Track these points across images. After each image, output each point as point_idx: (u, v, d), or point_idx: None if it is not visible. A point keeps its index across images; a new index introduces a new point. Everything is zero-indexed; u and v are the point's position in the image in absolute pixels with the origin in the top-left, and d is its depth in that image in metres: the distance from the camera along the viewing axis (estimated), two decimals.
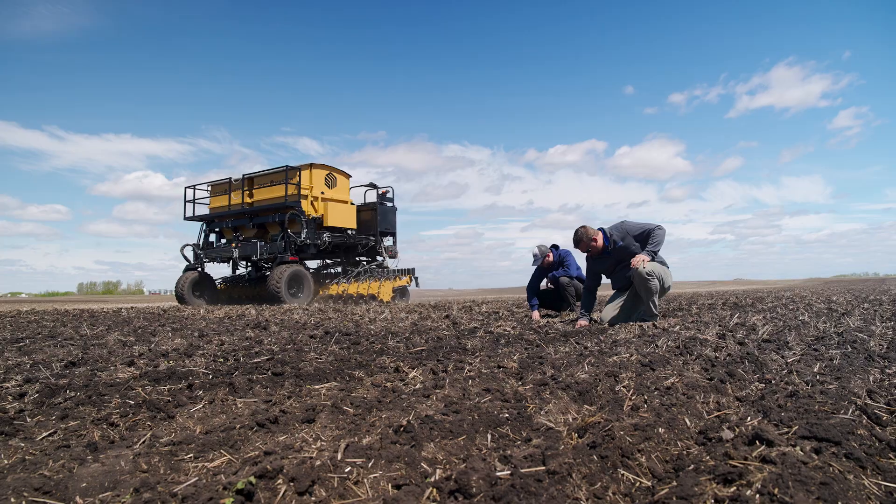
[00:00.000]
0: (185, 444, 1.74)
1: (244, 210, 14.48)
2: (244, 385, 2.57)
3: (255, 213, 14.39)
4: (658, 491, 1.31)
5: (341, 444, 1.62)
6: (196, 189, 15.42)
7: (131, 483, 1.43)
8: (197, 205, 15.47)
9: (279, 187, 13.85)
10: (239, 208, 14.55)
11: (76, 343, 4.70)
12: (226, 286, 15.79)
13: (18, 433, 1.92)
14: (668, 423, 1.76)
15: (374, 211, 16.00)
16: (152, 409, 2.20)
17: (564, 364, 2.93)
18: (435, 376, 2.73)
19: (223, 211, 14.89)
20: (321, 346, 4.09)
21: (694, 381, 2.35)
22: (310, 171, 14.41)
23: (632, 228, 5.65)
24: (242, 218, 14.63)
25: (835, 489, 1.20)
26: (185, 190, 15.27)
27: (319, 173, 14.64)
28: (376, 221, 15.90)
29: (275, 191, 14.03)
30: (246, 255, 14.17)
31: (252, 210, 14.39)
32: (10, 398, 2.43)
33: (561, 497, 1.27)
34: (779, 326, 4.62)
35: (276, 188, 14.01)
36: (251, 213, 14.44)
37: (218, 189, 15.17)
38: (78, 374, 2.98)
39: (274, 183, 14.10)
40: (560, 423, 1.85)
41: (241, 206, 14.52)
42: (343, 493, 1.34)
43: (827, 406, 1.91)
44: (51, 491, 1.39)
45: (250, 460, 1.56)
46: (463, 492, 1.28)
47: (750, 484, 1.23)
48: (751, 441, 1.52)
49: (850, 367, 2.67)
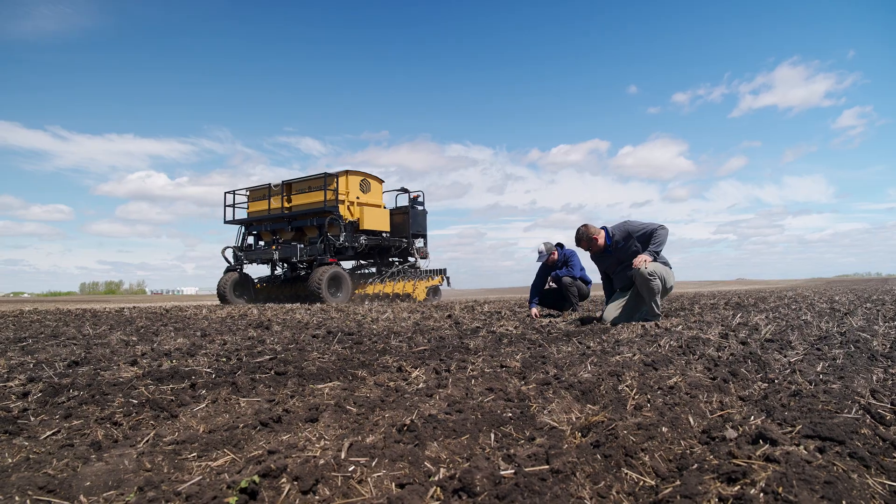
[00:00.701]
0: (189, 443, 1.74)
1: (283, 214, 15.20)
2: (247, 384, 2.57)
3: (294, 217, 15.12)
4: (662, 490, 1.30)
5: (345, 443, 1.62)
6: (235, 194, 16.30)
7: (135, 482, 1.43)
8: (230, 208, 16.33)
9: (317, 193, 14.66)
10: (278, 212, 15.27)
11: (79, 343, 4.71)
12: (263, 286, 16.47)
13: (22, 432, 1.93)
14: (671, 422, 1.76)
15: (406, 214, 16.78)
16: (155, 408, 2.21)
17: (567, 363, 2.93)
18: (438, 376, 2.73)
19: (262, 215, 15.67)
20: (324, 345, 4.09)
21: (697, 381, 2.34)
22: (346, 177, 15.09)
23: (634, 228, 5.65)
24: (281, 221, 15.33)
25: (839, 488, 1.20)
26: (225, 195, 16.08)
27: (355, 179, 15.37)
28: (409, 224, 16.66)
29: (313, 196, 14.81)
30: (286, 256, 14.82)
31: (291, 214, 15.11)
32: (14, 397, 2.43)
33: (565, 496, 1.27)
34: (781, 326, 4.61)
35: (313, 194, 14.80)
36: (290, 217, 15.14)
37: (256, 194, 15.97)
38: (81, 374, 2.99)
39: (312, 189, 14.89)
40: (563, 423, 1.85)
41: (281, 211, 15.28)
42: (347, 492, 1.34)
43: (830, 405, 1.91)
44: (55, 490, 1.39)
45: (254, 459, 1.56)
46: (467, 490, 1.28)
47: (754, 483, 1.23)
48: (754, 440, 1.52)
49: (854, 366, 2.67)
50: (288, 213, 15.18)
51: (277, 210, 15.34)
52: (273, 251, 14.91)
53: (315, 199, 14.71)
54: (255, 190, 16.11)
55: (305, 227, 15.07)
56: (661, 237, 5.45)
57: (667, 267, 5.57)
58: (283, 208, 15.28)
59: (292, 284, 15.88)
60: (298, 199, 15.19)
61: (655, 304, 5.42)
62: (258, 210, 15.90)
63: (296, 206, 15.21)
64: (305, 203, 14.98)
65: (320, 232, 14.47)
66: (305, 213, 14.92)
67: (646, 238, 5.54)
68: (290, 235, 15.37)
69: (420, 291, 15.48)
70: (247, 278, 15.90)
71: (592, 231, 5.74)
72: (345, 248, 14.83)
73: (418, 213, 17.11)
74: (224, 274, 15.47)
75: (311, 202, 14.83)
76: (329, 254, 14.18)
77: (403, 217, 16.82)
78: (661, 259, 5.59)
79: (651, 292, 5.34)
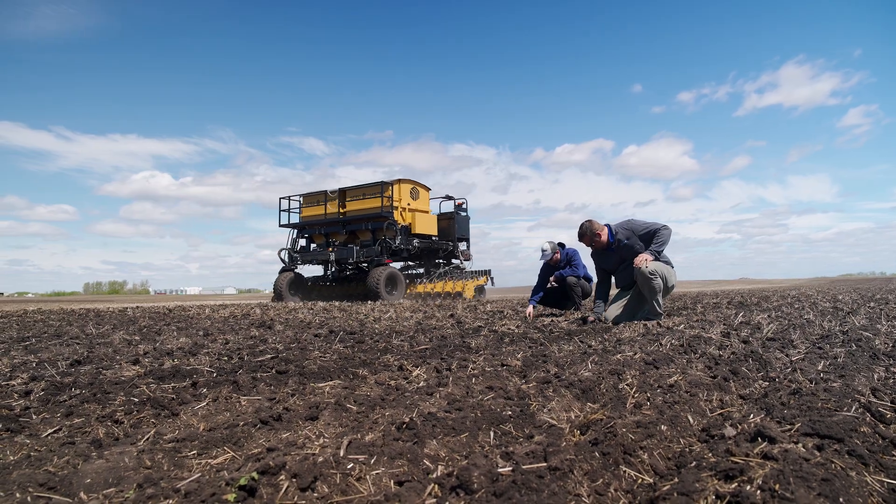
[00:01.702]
0: (189, 440, 1.75)
1: (338, 219, 16.43)
2: (248, 383, 2.58)
3: (348, 221, 16.32)
4: (660, 487, 1.31)
5: (344, 441, 1.62)
6: (290, 200, 17.43)
7: (135, 479, 1.44)
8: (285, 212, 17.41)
9: (371, 199, 15.82)
10: (334, 217, 16.45)
11: (82, 342, 4.73)
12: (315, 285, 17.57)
13: (24, 430, 1.94)
14: (670, 420, 1.76)
15: (451, 220, 18.03)
16: (156, 406, 2.22)
17: (568, 362, 2.93)
18: (438, 374, 2.74)
19: (318, 219, 16.77)
20: (325, 344, 4.10)
21: (697, 380, 2.34)
22: (399, 185, 16.21)
23: (637, 227, 5.64)
24: (336, 225, 16.56)
25: (836, 485, 1.20)
26: (280, 200, 17.26)
27: (406, 187, 16.53)
28: (454, 228, 17.87)
29: (367, 202, 15.97)
30: (342, 258, 15.95)
31: (346, 219, 16.33)
32: (16, 396, 2.45)
33: (562, 493, 1.27)
34: (784, 325, 4.60)
35: (368, 200, 15.96)
36: (344, 221, 16.37)
37: (310, 200, 17.16)
38: (83, 373, 3.00)
39: (366, 196, 16.05)
40: (563, 421, 1.85)
41: (336, 216, 16.48)
42: (345, 489, 1.35)
43: (830, 404, 1.90)
44: (55, 487, 1.40)
45: (253, 457, 1.57)
46: (464, 487, 1.28)
47: (751, 480, 1.23)
48: (753, 438, 1.52)
49: (855, 365, 2.66)
50: (343, 218, 16.36)
51: (333, 215, 16.47)
52: (330, 253, 16.05)
53: (370, 206, 15.84)
54: (308, 196, 17.23)
55: (359, 230, 16.25)
56: (663, 237, 5.44)
57: (669, 266, 5.56)
58: (338, 213, 16.48)
59: (340, 284, 17.13)
60: (352, 205, 16.35)
61: (657, 302, 5.41)
62: (313, 215, 16.99)
63: (350, 211, 16.37)
64: (360, 209, 16.12)
65: (373, 235, 15.73)
66: (360, 218, 16.04)
67: (649, 237, 5.53)
68: (343, 238, 16.60)
69: (469, 290, 16.35)
70: (300, 278, 16.96)
71: (596, 227, 5.73)
72: (400, 251, 15.99)
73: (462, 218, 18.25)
74: (280, 274, 16.56)
75: (365, 208, 15.97)
76: (385, 255, 15.27)
77: (449, 222, 18.01)
78: (664, 258, 5.58)
79: (652, 291, 5.33)
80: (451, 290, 16.20)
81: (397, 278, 15.47)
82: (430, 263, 18.29)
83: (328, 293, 17.15)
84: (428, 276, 17.50)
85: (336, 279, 17.27)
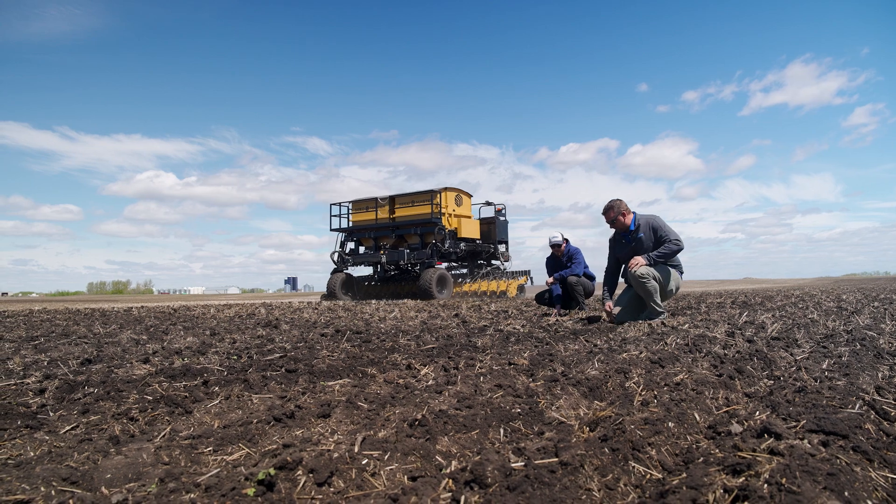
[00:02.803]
0: (205, 437, 1.78)
1: (389, 224, 17.56)
2: (259, 381, 2.61)
3: (398, 226, 17.47)
4: (669, 482, 1.34)
5: (357, 437, 1.65)
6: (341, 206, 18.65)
7: (155, 474, 1.47)
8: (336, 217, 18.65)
9: (420, 206, 17.02)
10: (385, 222, 17.62)
11: (90, 341, 4.77)
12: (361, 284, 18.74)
13: (43, 427, 1.98)
14: (677, 417, 1.79)
15: (492, 224, 19.18)
16: (170, 404, 2.25)
17: (574, 361, 2.96)
18: (447, 373, 2.77)
19: (369, 224, 17.96)
20: (333, 343, 4.13)
21: (703, 378, 2.37)
22: (445, 193, 17.22)
23: (656, 227, 5.59)
24: (386, 230, 17.65)
25: (841, 480, 1.22)
26: (331, 206, 18.40)
27: (451, 194, 17.54)
28: (495, 232, 19.06)
29: (416, 209, 17.13)
30: (393, 260, 17.21)
31: (396, 224, 17.46)
32: (31, 394, 2.49)
33: (574, 487, 1.31)
34: (788, 325, 4.62)
35: (417, 207, 17.13)
36: (394, 226, 17.50)
37: (360, 206, 18.37)
38: (95, 371, 3.04)
39: (415, 203, 17.22)
40: (571, 418, 1.88)
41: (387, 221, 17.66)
42: (361, 484, 1.38)
43: (835, 401, 1.93)
44: (78, 481, 1.44)
45: (269, 453, 1.60)
46: (478, 482, 1.31)
47: (758, 475, 1.26)
48: (759, 434, 1.55)
49: (859, 364, 2.69)
50: (392, 223, 17.50)
51: (384, 220, 17.66)
52: (381, 255, 17.26)
53: (419, 212, 16.99)
54: (358, 202, 18.48)
55: (407, 234, 17.44)
56: (669, 249, 5.43)
57: (670, 269, 5.57)
58: (389, 219, 17.65)
59: (385, 283, 18.46)
60: (402, 212, 17.53)
61: (655, 304, 5.44)
62: (363, 220, 18.23)
63: (399, 216, 17.54)
64: (410, 214, 17.28)
65: (421, 239, 17.01)
66: (410, 223, 17.17)
67: (659, 243, 5.54)
68: (392, 242, 17.75)
69: (512, 289, 17.22)
70: (351, 278, 18.17)
71: (625, 208, 5.71)
72: (448, 254, 17.15)
73: (501, 222, 19.40)
74: (332, 274, 17.76)
75: (415, 214, 17.13)
76: (436, 258, 16.38)
77: (489, 226, 19.18)
78: (672, 262, 5.60)
79: (647, 294, 5.37)
80: (496, 289, 17.08)
81: (447, 279, 16.46)
82: (474, 265, 19.36)
83: (375, 292, 18.36)
84: (472, 277, 18.61)
85: (381, 279, 18.53)
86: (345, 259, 18.12)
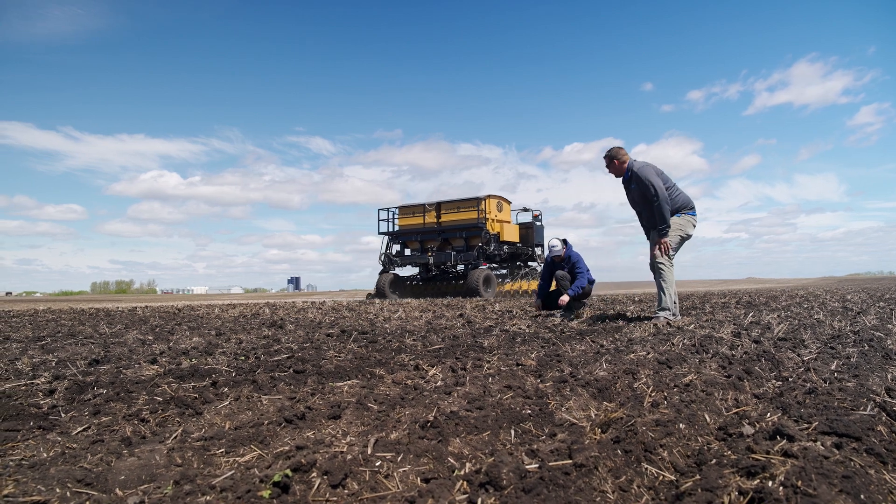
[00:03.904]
0: (216, 439, 1.79)
1: (435, 228, 18.88)
2: (268, 382, 2.62)
3: (444, 230, 18.78)
4: (682, 484, 1.34)
5: (370, 439, 1.66)
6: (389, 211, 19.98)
7: (169, 476, 1.48)
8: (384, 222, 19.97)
9: (466, 212, 18.32)
10: (432, 226, 18.94)
11: (96, 341, 4.78)
12: (415, 284, 19.97)
13: (55, 428, 1.98)
14: (688, 419, 1.79)
15: (530, 228, 20.55)
16: (180, 405, 2.26)
17: (582, 362, 2.96)
18: (455, 374, 2.77)
19: (416, 227, 19.28)
20: (339, 344, 4.14)
21: (712, 379, 2.37)
22: (488, 199, 18.39)
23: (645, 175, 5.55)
24: (432, 233, 18.95)
25: (857, 483, 1.22)
26: (379, 211, 19.76)
27: (493, 201, 18.70)
28: (533, 236, 20.42)
29: (462, 215, 18.45)
30: (440, 261, 18.40)
31: (442, 228, 18.80)
32: (41, 394, 2.50)
33: (588, 489, 1.31)
34: (794, 325, 4.62)
35: (463, 213, 18.43)
36: (440, 230, 18.82)
37: (406, 211, 19.71)
38: (103, 372, 3.05)
39: (461, 209, 18.54)
40: (582, 419, 1.89)
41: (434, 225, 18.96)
42: (375, 486, 1.38)
43: (846, 403, 1.93)
44: (92, 483, 1.45)
45: (282, 455, 1.61)
46: (493, 484, 1.31)
47: (773, 477, 1.26)
48: (772, 436, 1.55)
49: (868, 365, 2.68)
50: (439, 227, 18.84)
51: (431, 224, 18.97)
52: (429, 256, 18.53)
53: (465, 217, 18.29)
54: (405, 208, 19.80)
55: (452, 238, 18.67)
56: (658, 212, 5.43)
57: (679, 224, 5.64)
58: (435, 223, 18.97)
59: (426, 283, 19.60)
60: (448, 217, 18.86)
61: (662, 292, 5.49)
62: (410, 224, 19.53)
63: (445, 221, 18.87)
64: (456, 219, 18.62)
65: (466, 242, 18.20)
66: (456, 228, 18.46)
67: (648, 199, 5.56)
68: (437, 244, 19.00)
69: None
70: (398, 278, 19.36)
71: (623, 156, 5.74)
72: (493, 256, 18.21)
73: (538, 227, 20.70)
74: (381, 275, 18.99)
75: (461, 219, 18.43)
76: (482, 259, 17.53)
77: (527, 230, 20.50)
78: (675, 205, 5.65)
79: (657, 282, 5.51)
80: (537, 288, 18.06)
81: (491, 278, 17.62)
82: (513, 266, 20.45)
83: (419, 290, 19.56)
84: (512, 277, 19.72)
85: (423, 279, 19.71)
86: (392, 260, 19.35)
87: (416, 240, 19.52)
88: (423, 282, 19.77)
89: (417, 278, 19.87)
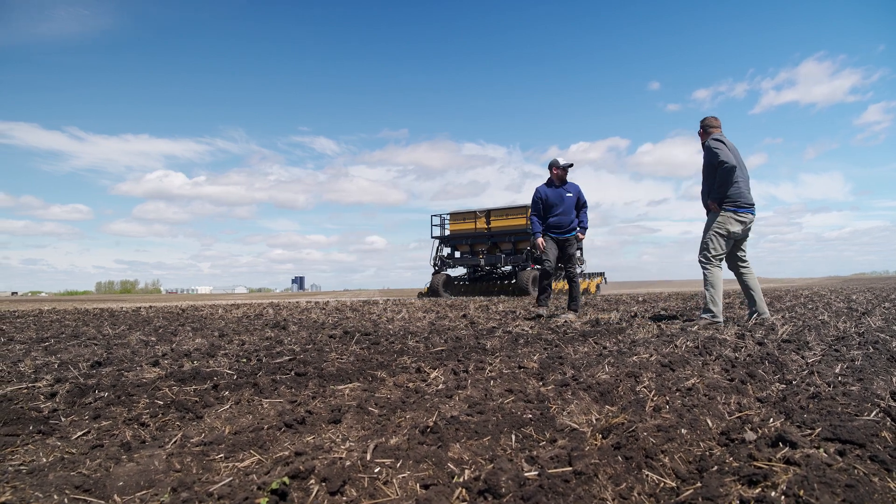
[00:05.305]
0: (216, 444, 1.78)
1: (486, 232, 20.40)
2: (269, 385, 2.61)
3: (493, 234, 20.29)
4: (683, 491, 1.32)
5: (369, 444, 1.65)
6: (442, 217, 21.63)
7: (167, 482, 1.48)
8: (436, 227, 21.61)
9: (514, 218, 19.84)
10: (483, 231, 20.51)
11: (99, 343, 4.79)
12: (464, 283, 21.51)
13: (54, 432, 1.98)
14: (690, 424, 1.78)
15: None
16: (181, 409, 2.26)
17: (584, 364, 2.95)
18: (456, 377, 2.76)
19: (468, 232, 20.92)
20: (341, 346, 4.13)
21: (715, 382, 2.36)
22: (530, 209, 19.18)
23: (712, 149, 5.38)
24: (482, 238, 20.53)
25: (860, 491, 1.21)
26: (431, 217, 21.53)
27: None
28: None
29: (510, 220, 20.00)
30: (490, 263, 19.97)
31: (491, 233, 20.31)
32: (43, 398, 2.50)
33: (588, 497, 1.30)
34: (798, 326, 4.59)
35: (511, 219, 19.99)
36: (490, 235, 20.36)
37: (457, 217, 21.40)
38: (105, 374, 3.05)
39: (509, 216, 20.11)
40: (583, 424, 1.87)
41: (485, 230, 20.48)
42: (373, 493, 1.37)
43: (850, 408, 1.91)
44: (90, 489, 1.44)
45: (281, 460, 1.60)
46: (492, 492, 1.30)
47: (775, 486, 1.25)
48: (774, 443, 1.54)
49: (873, 368, 2.66)
50: (489, 232, 20.35)
51: (481, 229, 20.53)
52: (480, 259, 20.09)
53: (513, 223, 19.82)
54: (456, 214, 21.46)
55: (500, 241, 20.14)
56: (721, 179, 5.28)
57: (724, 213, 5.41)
58: (486, 228, 20.46)
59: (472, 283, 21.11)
60: (497, 222, 20.37)
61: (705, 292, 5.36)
62: (461, 229, 21.20)
63: (494, 227, 20.37)
64: (505, 225, 20.16)
65: (513, 246, 19.70)
66: (505, 232, 19.97)
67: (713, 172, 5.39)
68: (487, 247, 20.45)
69: (592, 287, 20.82)
70: (449, 278, 20.92)
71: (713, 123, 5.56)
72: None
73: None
74: (433, 275, 20.65)
75: (510, 224, 19.96)
76: (530, 261, 18.99)
77: None
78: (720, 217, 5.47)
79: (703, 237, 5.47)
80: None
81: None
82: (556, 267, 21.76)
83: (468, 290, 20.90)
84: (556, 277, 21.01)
85: (471, 279, 21.24)
86: (445, 262, 21.14)
87: (465, 243, 21.10)
88: (471, 282, 21.22)
89: (465, 279, 21.40)
